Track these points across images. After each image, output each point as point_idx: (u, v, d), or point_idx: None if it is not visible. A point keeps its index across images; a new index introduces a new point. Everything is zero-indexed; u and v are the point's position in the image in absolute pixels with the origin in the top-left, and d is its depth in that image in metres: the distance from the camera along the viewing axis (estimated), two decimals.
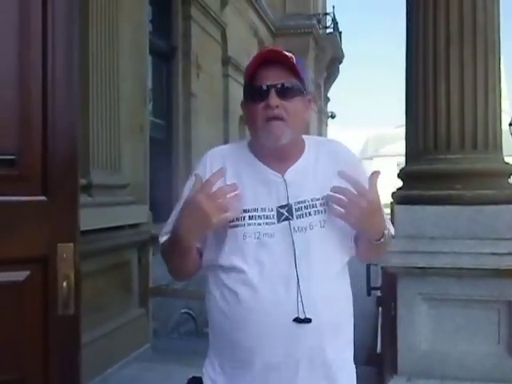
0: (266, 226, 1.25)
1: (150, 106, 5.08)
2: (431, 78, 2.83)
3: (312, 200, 1.28)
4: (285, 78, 1.26)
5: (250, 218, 1.25)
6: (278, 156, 1.30)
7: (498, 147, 2.86)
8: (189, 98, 6.28)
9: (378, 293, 3.27)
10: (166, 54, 6.02)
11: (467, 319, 2.63)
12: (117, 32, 3.66)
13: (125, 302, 3.81)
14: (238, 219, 1.25)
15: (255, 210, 1.26)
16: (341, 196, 1.22)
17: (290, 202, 1.27)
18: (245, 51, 9.47)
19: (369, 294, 3.12)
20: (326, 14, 15.55)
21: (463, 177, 2.76)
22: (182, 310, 4.77)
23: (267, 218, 1.26)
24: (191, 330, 5.27)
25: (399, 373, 2.66)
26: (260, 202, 1.27)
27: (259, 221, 1.25)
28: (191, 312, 5.17)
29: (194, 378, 1.34)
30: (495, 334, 2.62)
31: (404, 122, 3.14)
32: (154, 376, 3.32)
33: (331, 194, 1.24)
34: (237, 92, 8.92)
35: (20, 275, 1.46)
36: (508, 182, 2.96)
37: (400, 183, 3.07)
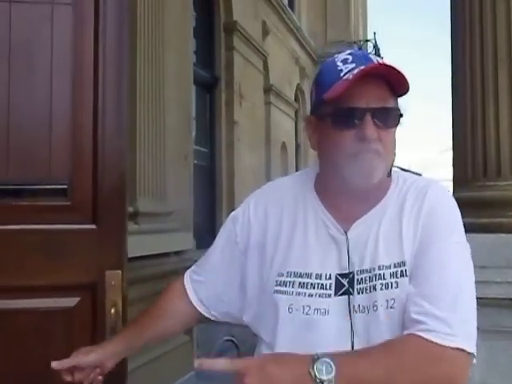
0: (319, 299, 0.93)
1: (193, 135, 5.18)
2: (479, 102, 2.77)
3: (380, 268, 0.91)
4: (385, 98, 0.92)
5: (301, 285, 0.94)
6: (356, 198, 0.96)
7: None
8: (231, 126, 6.38)
9: None
10: (210, 84, 6.16)
11: None
12: (163, 63, 3.77)
13: None
14: (284, 283, 0.96)
15: (307, 275, 0.94)
16: None
17: (352, 269, 0.93)
18: (286, 79, 9.59)
19: None
20: (367, 40, 15.62)
21: None
22: (225, 338, 4.75)
23: (322, 287, 0.93)
24: (234, 358, 5.20)
25: None
26: (313, 266, 0.95)
27: (311, 291, 0.93)
28: (234, 339, 5.14)
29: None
30: None
31: (448, 147, 3.08)
32: None
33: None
34: (278, 119, 9.01)
35: (70, 301, 1.50)
36: None
37: None
